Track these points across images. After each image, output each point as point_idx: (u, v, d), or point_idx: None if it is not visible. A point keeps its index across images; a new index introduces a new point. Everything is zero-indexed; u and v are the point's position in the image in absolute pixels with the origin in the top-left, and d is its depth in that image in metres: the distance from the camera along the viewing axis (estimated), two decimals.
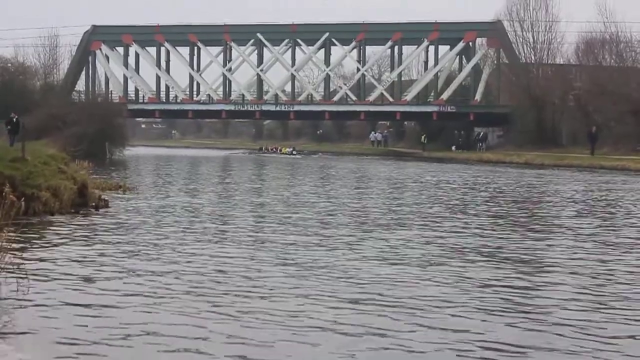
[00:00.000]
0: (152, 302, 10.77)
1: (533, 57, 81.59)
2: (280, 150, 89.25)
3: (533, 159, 63.69)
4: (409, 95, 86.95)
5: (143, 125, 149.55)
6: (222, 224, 20.03)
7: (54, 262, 13.92)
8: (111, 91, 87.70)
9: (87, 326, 9.50)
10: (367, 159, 75.50)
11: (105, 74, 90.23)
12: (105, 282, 12.17)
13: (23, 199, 14.08)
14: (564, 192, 32.32)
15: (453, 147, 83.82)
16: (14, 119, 45.17)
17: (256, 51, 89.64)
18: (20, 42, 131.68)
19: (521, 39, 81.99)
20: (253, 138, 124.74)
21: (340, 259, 14.54)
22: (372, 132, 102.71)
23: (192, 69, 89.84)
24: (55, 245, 15.88)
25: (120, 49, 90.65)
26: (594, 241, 17.40)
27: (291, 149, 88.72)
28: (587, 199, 29.39)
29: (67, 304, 10.62)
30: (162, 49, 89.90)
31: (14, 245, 13.57)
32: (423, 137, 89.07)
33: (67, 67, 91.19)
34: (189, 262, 14.09)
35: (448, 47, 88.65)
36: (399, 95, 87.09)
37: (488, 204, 26.95)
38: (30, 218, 19.49)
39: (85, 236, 17.41)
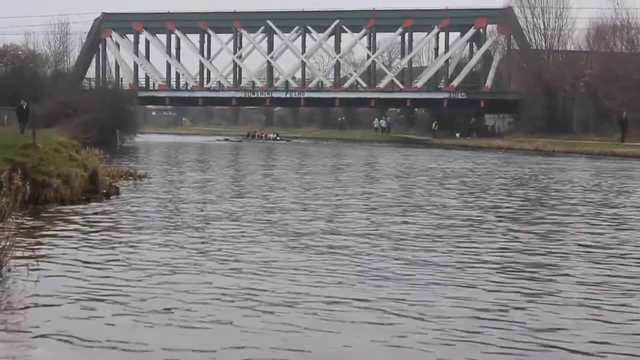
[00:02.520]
0: (165, 288, 10.80)
1: (544, 44, 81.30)
2: (267, 137, 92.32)
3: (544, 145, 63.51)
4: (420, 82, 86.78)
5: (154, 113, 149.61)
6: (233, 209, 19.98)
7: (65, 249, 13.95)
8: (121, 78, 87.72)
9: (97, 314, 9.54)
10: (367, 146, 75.33)
11: (116, 62, 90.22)
12: (116, 269, 12.20)
13: (28, 184, 14.09)
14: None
15: (457, 134, 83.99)
16: (24, 106, 45.25)
17: (266, 38, 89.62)
18: (31, 29, 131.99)
19: (532, 26, 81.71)
20: (263, 125, 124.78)
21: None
22: (376, 119, 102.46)
23: (203, 56, 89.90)
24: (66, 233, 15.91)
25: (131, 36, 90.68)
26: None
27: (275, 135, 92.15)
28: None
29: (78, 291, 10.65)
30: (173, 36, 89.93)
31: (24, 232, 13.63)
32: (434, 124, 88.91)
33: (77, 55, 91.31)
34: (201, 248, 14.15)
35: (458, 33, 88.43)
36: (410, 82, 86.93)
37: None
38: (41, 205, 19.57)
39: (96, 223, 17.44)
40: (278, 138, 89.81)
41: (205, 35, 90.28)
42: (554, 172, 36.78)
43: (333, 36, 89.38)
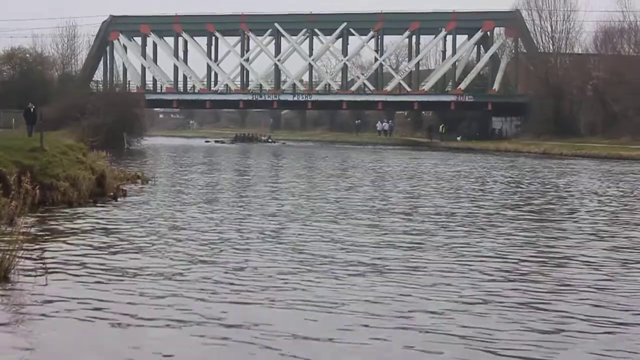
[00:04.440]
0: (172, 291, 10.81)
1: (551, 47, 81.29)
2: (256, 138, 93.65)
3: (551, 148, 63.37)
4: (427, 85, 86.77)
5: (161, 115, 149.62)
6: (239, 212, 20.02)
7: (72, 251, 13.97)
8: (129, 81, 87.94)
9: (105, 316, 9.55)
10: (375, 150, 75.30)
11: (123, 64, 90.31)
12: (122, 271, 12.21)
13: (38, 187, 14.12)
14: None
15: (458, 138, 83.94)
16: (32, 109, 45.24)
17: (274, 41, 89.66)
18: (39, 32, 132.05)
19: (539, 28, 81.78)
20: (271, 128, 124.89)
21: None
22: (379, 122, 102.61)
23: (210, 59, 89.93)
24: (73, 235, 15.93)
25: (138, 39, 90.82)
26: None
27: (266, 137, 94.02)
28: None
29: (85, 294, 10.67)
30: (180, 39, 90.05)
31: (32, 235, 13.65)
32: (441, 126, 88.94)
33: (85, 58, 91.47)
34: (206, 252, 14.17)
35: (466, 36, 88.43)
36: (417, 85, 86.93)
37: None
38: (49, 208, 19.60)
39: (103, 226, 17.46)
40: (270, 140, 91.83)
41: (213, 38, 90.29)
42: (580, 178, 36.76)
43: (340, 39, 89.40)
